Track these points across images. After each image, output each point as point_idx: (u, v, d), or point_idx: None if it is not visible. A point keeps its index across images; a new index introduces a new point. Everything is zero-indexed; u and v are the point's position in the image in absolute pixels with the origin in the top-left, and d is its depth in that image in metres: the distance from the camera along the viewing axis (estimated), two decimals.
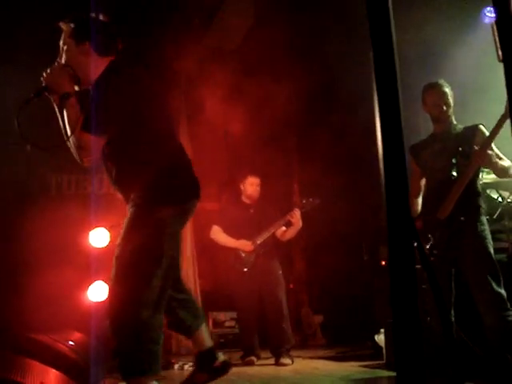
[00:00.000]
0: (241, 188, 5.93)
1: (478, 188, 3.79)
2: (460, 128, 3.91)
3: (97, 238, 5.85)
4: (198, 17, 6.77)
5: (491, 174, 5.09)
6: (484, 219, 3.73)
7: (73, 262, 5.86)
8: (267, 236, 5.64)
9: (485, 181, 5.11)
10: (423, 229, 3.76)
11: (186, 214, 2.96)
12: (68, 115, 2.85)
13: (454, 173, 3.72)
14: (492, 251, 3.63)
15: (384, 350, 5.10)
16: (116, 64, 2.87)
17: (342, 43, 6.00)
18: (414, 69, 4.78)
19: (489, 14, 5.62)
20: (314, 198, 5.80)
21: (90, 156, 2.97)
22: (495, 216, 5.05)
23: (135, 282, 2.64)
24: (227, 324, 7.12)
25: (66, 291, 5.81)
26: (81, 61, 2.87)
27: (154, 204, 2.82)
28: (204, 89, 6.92)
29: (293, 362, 5.48)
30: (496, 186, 5.32)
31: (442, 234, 3.66)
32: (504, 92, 1.06)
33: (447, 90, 3.87)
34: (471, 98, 4.90)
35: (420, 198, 4.11)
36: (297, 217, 5.67)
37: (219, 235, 5.82)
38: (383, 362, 5.04)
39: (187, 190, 2.99)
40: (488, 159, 3.60)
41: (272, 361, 5.58)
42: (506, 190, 5.20)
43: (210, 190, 7.52)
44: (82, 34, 2.84)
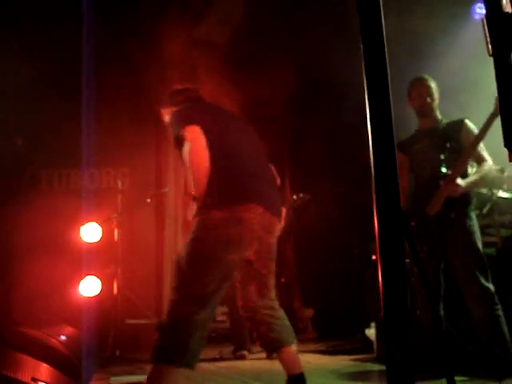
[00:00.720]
0: None
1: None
2: (446, 122, 3.93)
3: (88, 232, 5.85)
4: (189, 11, 6.76)
5: None
6: (473, 214, 3.76)
7: (64, 256, 5.86)
8: None
9: None
10: (414, 225, 3.78)
11: (238, 218, 2.86)
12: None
13: (443, 169, 3.74)
14: (480, 246, 3.66)
15: (374, 344, 5.13)
16: None
17: (332, 35, 6.00)
18: (402, 65, 4.78)
19: (479, 10, 5.64)
20: (305, 193, 5.82)
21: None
22: (485, 211, 5.08)
23: (187, 277, 2.78)
24: (218, 318, 7.12)
25: (57, 286, 5.82)
26: None
27: (204, 209, 2.81)
28: (192, 82, 6.90)
29: None
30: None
31: (431, 230, 3.69)
32: (493, 88, 1.07)
33: (432, 84, 3.91)
34: (461, 94, 4.92)
35: (408, 192, 4.12)
36: (282, 216, 5.67)
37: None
38: (374, 355, 5.07)
39: (237, 194, 2.93)
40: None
41: (263, 355, 5.59)
42: (495, 185, 5.24)
43: None
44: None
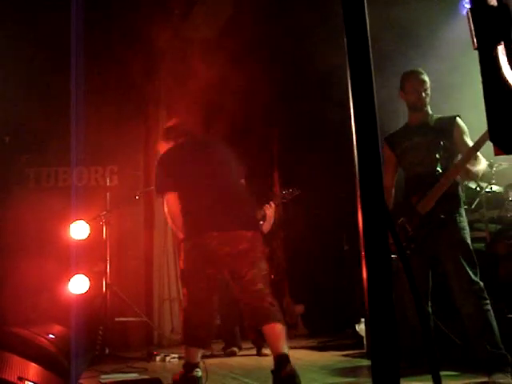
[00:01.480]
0: None
1: (456, 179, 3.80)
2: (436, 118, 3.91)
3: (77, 230, 5.82)
4: (177, 7, 6.74)
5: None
6: (462, 210, 3.76)
7: (53, 254, 5.83)
8: None
9: None
10: (404, 222, 3.77)
11: (198, 244, 3.81)
12: None
13: (438, 168, 3.73)
14: (469, 242, 3.67)
15: (365, 340, 5.15)
16: None
17: (321, 31, 5.99)
18: (390, 60, 4.80)
19: (467, 5, 5.65)
20: (294, 188, 5.80)
21: None
22: (473, 206, 5.11)
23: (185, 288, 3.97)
24: None
25: (46, 284, 5.79)
26: None
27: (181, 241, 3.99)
28: (182, 79, 6.88)
29: None
30: None
31: (421, 227, 3.69)
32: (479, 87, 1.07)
33: (426, 79, 3.89)
34: (447, 91, 4.93)
35: (393, 188, 4.12)
36: (271, 211, 5.67)
37: None
38: (364, 351, 5.08)
39: (195, 228, 3.88)
40: (464, 173, 3.64)
41: (254, 351, 5.60)
42: (483, 180, 5.26)
43: None
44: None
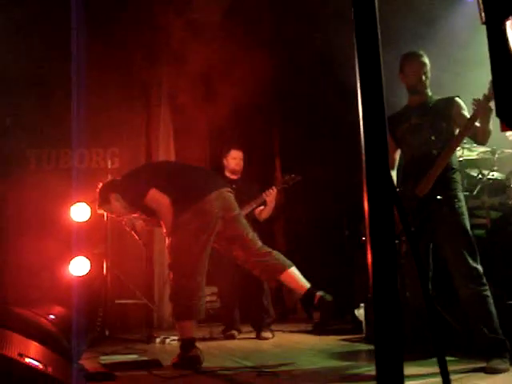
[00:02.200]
0: (224, 163, 5.91)
1: (454, 164, 3.79)
2: (435, 100, 3.88)
3: (78, 212, 5.83)
4: None
5: (472, 151, 5.13)
6: (461, 195, 3.74)
7: (54, 236, 5.85)
8: (248, 211, 5.63)
9: (465, 158, 5.16)
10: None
11: (200, 211, 4.06)
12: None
13: (433, 150, 3.72)
14: (468, 227, 3.66)
15: (364, 324, 5.16)
16: None
17: (326, 14, 5.95)
18: (395, 44, 4.76)
19: None
20: (295, 174, 5.80)
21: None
22: (475, 193, 5.09)
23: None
24: (208, 298, 7.10)
25: (47, 265, 5.80)
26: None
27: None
28: (185, 62, 6.86)
29: (273, 335, 5.52)
30: (476, 163, 5.36)
31: (420, 211, 3.68)
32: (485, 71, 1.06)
33: (426, 61, 3.86)
34: (451, 75, 4.90)
35: (395, 171, 4.10)
36: (272, 196, 5.67)
37: None
38: (363, 335, 5.11)
39: (192, 197, 4.09)
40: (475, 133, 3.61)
41: (253, 335, 5.63)
42: (485, 167, 5.25)
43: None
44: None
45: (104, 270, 5.84)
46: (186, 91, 6.95)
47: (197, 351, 3.95)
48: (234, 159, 5.82)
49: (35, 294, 5.32)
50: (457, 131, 3.74)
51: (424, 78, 3.84)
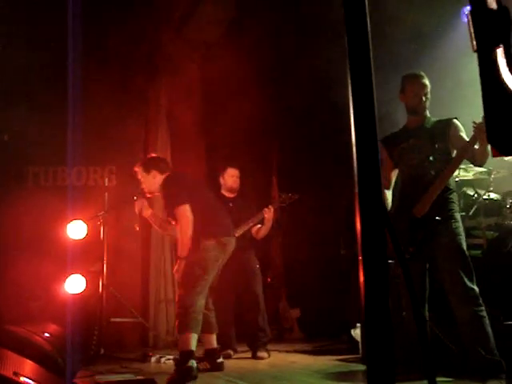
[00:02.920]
0: (220, 181, 5.92)
1: (451, 185, 3.81)
2: (433, 122, 3.91)
3: (74, 230, 5.81)
4: (179, 9, 6.75)
5: (468, 172, 5.16)
6: (458, 216, 3.76)
7: (50, 254, 5.83)
8: (245, 230, 5.64)
9: (462, 178, 5.18)
10: (400, 226, 3.78)
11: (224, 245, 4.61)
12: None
13: (431, 171, 3.74)
14: (465, 248, 3.67)
15: (360, 344, 5.14)
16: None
17: (324, 34, 6.00)
18: (391, 67, 4.80)
19: (467, 12, 5.65)
20: (293, 192, 5.82)
21: None
22: (471, 213, 5.11)
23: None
24: None
25: (42, 283, 5.78)
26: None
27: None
28: (183, 82, 6.90)
29: (269, 355, 5.50)
30: (472, 183, 5.39)
31: (417, 231, 3.69)
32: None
33: (427, 83, 3.89)
34: (447, 96, 4.93)
35: (391, 190, 4.12)
36: (269, 214, 5.69)
37: None
38: (359, 356, 5.08)
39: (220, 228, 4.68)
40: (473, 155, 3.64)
41: (249, 354, 5.60)
42: (481, 187, 5.27)
43: None
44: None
45: (100, 288, 5.81)
46: (184, 109, 6.99)
47: (192, 363, 4.17)
48: (231, 177, 5.83)
49: (30, 312, 5.30)
50: (454, 153, 3.76)
51: (424, 99, 3.87)
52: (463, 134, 3.75)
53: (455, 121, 3.83)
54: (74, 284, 5.67)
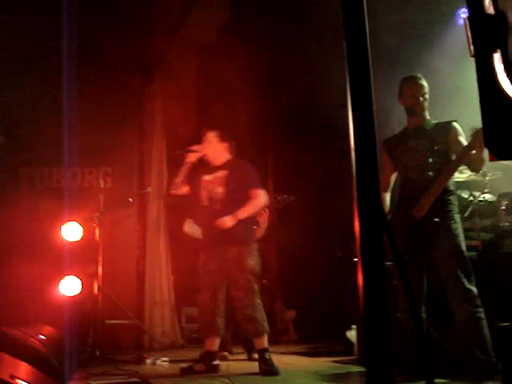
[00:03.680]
0: None
1: (450, 186, 3.83)
2: (433, 124, 3.93)
3: (69, 231, 5.80)
4: (174, 11, 6.74)
5: (463, 174, 5.17)
6: (457, 217, 3.77)
7: (45, 255, 5.81)
8: None
9: (456, 180, 5.19)
10: (400, 226, 3.78)
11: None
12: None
13: (430, 173, 3.75)
14: (464, 249, 3.68)
15: (355, 346, 5.15)
16: None
17: (318, 35, 6.01)
18: (386, 70, 4.81)
19: (463, 15, 5.67)
20: (288, 194, 5.82)
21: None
22: (466, 214, 5.12)
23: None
24: None
25: (37, 285, 5.76)
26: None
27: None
28: (178, 83, 6.89)
29: None
30: (467, 185, 5.40)
31: (416, 232, 3.70)
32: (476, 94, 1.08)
33: (424, 84, 3.91)
34: (444, 100, 4.94)
35: (389, 192, 4.14)
36: (264, 217, 5.69)
37: (192, 228, 5.80)
38: (355, 357, 5.09)
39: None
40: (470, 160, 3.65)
41: (244, 356, 5.60)
42: (476, 189, 5.28)
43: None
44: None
45: (95, 290, 5.80)
46: (179, 111, 6.98)
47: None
48: None
49: (25, 314, 5.28)
50: (453, 156, 3.78)
51: (422, 99, 3.89)
52: (462, 138, 3.77)
53: (455, 124, 3.85)
54: (70, 286, 5.66)
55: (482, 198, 5.16)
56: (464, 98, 4.11)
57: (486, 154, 3.53)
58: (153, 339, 6.85)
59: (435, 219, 3.64)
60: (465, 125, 3.78)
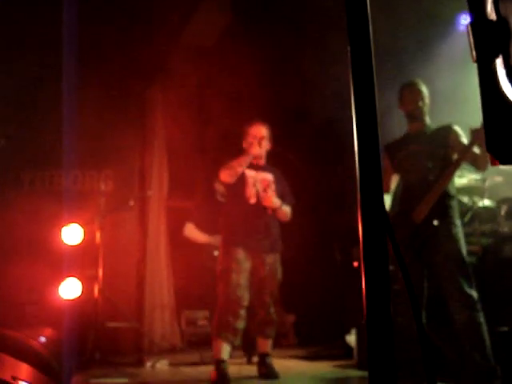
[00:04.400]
0: (216, 187, 5.92)
1: (451, 191, 3.84)
2: (433, 128, 3.95)
3: (70, 234, 5.81)
4: (176, 14, 6.76)
5: (462, 179, 5.18)
6: (458, 221, 3.79)
7: (45, 258, 5.82)
8: None
9: (456, 185, 5.20)
10: (400, 231, 3.80)
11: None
12: None
13: (431, 177, 3.77)
14: (465, 253, 3.70)
15: (355, 350, 5.16)
16: None
17: (318, 41, 6.03)
18: (387, 76, 4.83)
19: (464, 21, 5.68)
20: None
21: None
22: (466, 220, 5.13)
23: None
24: (200, 323, 7.11)
25: (37, 287, 5.77)
26: None
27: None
28: (180, 87, 6.91)
29: None
30: (467, 190, 5.41)
31: (416, 236, 3.71)
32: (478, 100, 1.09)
33: (424, 89, 3.93)
34: (444, 106, 4.96)
35: (390, 195, 4.16)
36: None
37: (193, 232, 5.82)
38: (354, 361, 5.09)
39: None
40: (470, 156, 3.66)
41: (244, 360, 5.60)
42: (476, 194, 5.29)
43: (184, 189, 7.52)
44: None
45: (95, 293, 5.80)
46: (181, 115, 7.00)
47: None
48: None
49: (26, 316, 5.29)
50: (454, 157, 3.79)
51: (421, 104, 3.91)
52: (463, 139, 3.78)
53: (455, 127, 3.87)
54: (70, 288, 5.67)
55: (481, 203, 5.17)
56: (465, 103, 4.13)
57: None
58: (152, 342, 6.85)
59: (434, 223, 3.65)
60: (465, 128, 3.79)
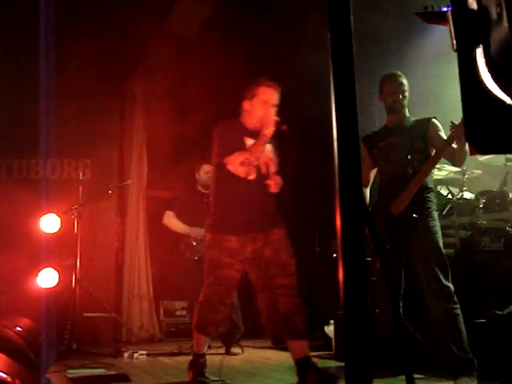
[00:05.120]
0: (196, 177, 5.91)
1: (429, 183, 3.86)
2: (413, 121, 3.96)
3: (47, 223, 5.76)
4: (157, 4, 6.70)
5: (442, 171, 5.22)
6: (435, 214, 3.80)
7: (23, 247, 5.76)
8: None
9: (435, 177, 5.23)
10: (378, 223, 3.80)
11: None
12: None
13: (409, 170, 3.78)
14: (441, 246, 3.71)
15: (333, 341, 5.18)
16: None
17: (299, 32, 6.02)
18: (369, 68, 4.84)
19: (445, 9, 5.68)
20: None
21: None
22: (444, 212, 5.17)
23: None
24: (178, 313, 7.10)
25: (14, 277, 5.71)
26: None
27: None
28: (160, 76, 6.86)
29: (243, 351, 5.51)
30: (446, 182, 5.45)
31: (394, 229, 3.72)
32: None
33: (404, 82, 3.93)
34: (425, 100, 4.98)
35: (368, 188, 4.17)
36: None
37: (172, 220, 5.78)
38: (332, 352, 5.12)
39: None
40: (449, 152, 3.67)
41: (222, 350, 5.60)
42: (455, 187, 5.33)
43: (163, 179, 7.48)
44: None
45: (73, 283, 5.77)
46: (161, 104, 6.95)
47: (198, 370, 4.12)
48: (207, 174, 5.79)
49: (2, 306, 5.23)
50: (433, 152, 3.80)
51: (401, 97, 3.91)
52: (442, 134, 3.80)
53: (434, 120, 3.88)
54: (47, 278, 5.62)
55: (460, 195, 5.21)
56: (443, 96, 4.15)
57: (467, 148, 3.54)
58: (131, 333, 6.83)
59: (413, 215, 3.66)
60: (445, 122, 3.80)
